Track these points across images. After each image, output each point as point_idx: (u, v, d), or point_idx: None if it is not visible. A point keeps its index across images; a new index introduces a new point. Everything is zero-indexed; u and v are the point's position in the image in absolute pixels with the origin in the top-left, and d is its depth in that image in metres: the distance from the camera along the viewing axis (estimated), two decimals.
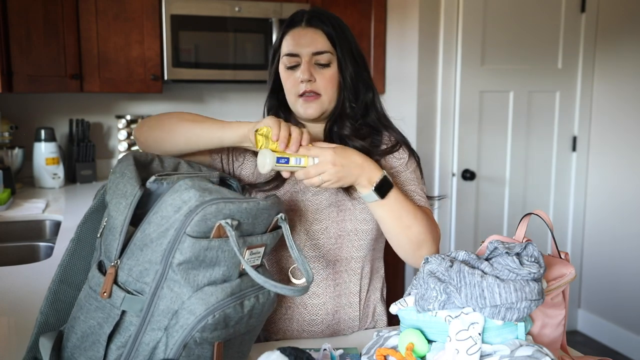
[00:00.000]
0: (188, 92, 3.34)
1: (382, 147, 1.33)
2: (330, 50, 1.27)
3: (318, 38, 1.27)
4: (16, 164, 2.85)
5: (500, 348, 0.89)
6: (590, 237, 3.46)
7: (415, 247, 1.19)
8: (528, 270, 0.90)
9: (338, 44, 1.27)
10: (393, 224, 1.18)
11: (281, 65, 1.30)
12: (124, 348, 0.92)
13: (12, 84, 2.53)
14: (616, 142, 3.27)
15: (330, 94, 1.28)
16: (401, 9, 3.15)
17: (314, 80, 1.26)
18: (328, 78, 1.27)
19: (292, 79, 1.27)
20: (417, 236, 1.18)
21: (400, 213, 1.17)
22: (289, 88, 1.29)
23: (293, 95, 1.28)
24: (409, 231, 1.18)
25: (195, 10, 2.87)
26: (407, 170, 1.32)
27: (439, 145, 3.15)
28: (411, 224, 1.18)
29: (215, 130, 1.16)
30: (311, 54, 1.26)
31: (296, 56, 1.27)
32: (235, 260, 0.94)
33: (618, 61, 3.23)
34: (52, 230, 2.28)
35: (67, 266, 1.04)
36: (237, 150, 1.31)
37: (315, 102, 1.27)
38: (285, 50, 1.28)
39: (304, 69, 1.25)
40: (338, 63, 1.28)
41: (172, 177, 1.00)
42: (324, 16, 1.29)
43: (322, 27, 1.27)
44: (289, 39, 1.28)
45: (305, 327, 1.30)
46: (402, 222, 1.17)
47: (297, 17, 1.30)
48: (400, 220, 1.17)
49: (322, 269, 1.29)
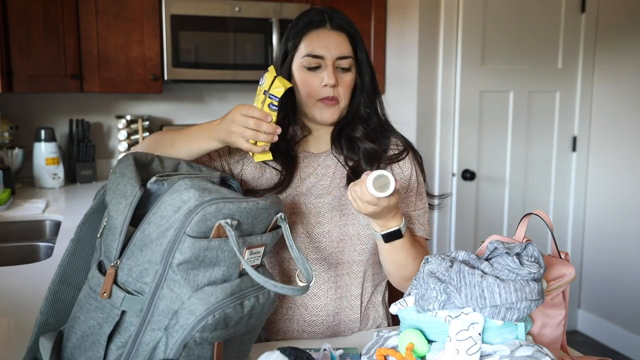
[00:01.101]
0: (188, 92, 3.34)
1: (389, 152, 1.34)
2: (352, 55, 1.27)
3: (342, 42, 1.26)
4: (16, 164, 2.85)
5: (500, 348, 0.89)
6: (590, 237, 3.46)
7: (403, 280, 1.26)
8: (528, 270, 0.90)
9: (358, 48, 1.28)
10: (389, 259, 1.24)
11: (297, 64, 1.27)
12: (124, 348, 0.92)
13: (12, 84, 2.53)
14: (616, 142, 3.27)
15: (347, 99, 1.28)
16: (401, 9, 3.15)
17: (337, 85, 1.25)
18: (348, 83, 1.27)
19: (312, 80, 1.25)
20: (408, 273, 1.24)
21: (400, 254, 1.21)
22: (307, 90, 1.26)
23: (312, 99, 1.26)
24: (402, 268, 1.24)
25: (195, 10, 2.87)
26: (411, 188, 1.33)
27: (439, 146, 3.15)
28: (406, 264, 1.23)
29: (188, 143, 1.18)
30: (335, 58, 1.25)
31: (320, 58, 1.24)
32: (235, 260, 0.94)
33: (618, 61, 3.23)
34: (52, 230, 2.28)
35: (67, 266, 1.04)
36: (234, 157, 1.31)
37: (335, 107, 1.27)
38: (307, 50, 1.25)
39: (330, 73, 1.24)
40: (357, 68, 1.28)
41: (172, 178, 1.00)
42: (343, 19, 1.28)
43: (345, 30, 1.27)
44: (313, 39, 1.25)
45: (305, 328, 1.30)
46: (398, 261, 1.23)
47: (317, 16, 1.27)
48: (397, 259, 1.22)
49: (323, 271, 1.29)
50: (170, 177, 0.99)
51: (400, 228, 1.17)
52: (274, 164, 1.30)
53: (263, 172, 1.31)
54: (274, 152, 1.31)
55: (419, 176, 1.36)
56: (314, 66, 1.25)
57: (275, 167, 1.30)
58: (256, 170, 1.31)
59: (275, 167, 1.30)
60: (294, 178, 1.30)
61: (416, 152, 1.37)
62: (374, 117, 1.33)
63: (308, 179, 1.30)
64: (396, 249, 1.20)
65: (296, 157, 1.32)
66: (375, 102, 1.33)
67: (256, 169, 1.31)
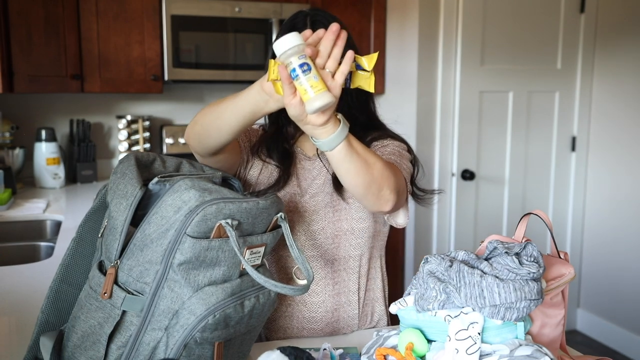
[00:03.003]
0: (188, 92, 3.34)
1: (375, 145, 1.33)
2: None
3: None
4: (17, 164, 2.86)
5: (499, 348, 0.89)
6: (590, 237, 3.47)
7: (376, 189, 1.08)
8: (527, 270, 0.90)
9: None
10: (351, 163, 1.03)
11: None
12: (125, 348, 0.92)
13: (13, 84, 2.53)
14: (615, 142, 3.27)
15: None
16: (401, 9, 3.15)
17: None
18: None
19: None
20: (378, 177, 1.06)
21: (358, 149, 1.04)
22: None
23: None
24: (368, 170, 1.05)
25: (195, 11, 2.88)
26: (388, 146, 1.30)
27: (439, 146, 3.15)
28: (371, 163, 1.05)
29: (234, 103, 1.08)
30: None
31: None
32: (236, 260, 0.95)
33: (617, 61, 3.24)
34: (53, 230, 2.29)
35: (69, 266, 1.05)
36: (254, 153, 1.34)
37: None
38: None
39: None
40: None
41: (175, 179, 1.00)
42: (325, 19, 1.28)
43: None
44: None
45: (305, 325, 1.31)
46: (364, 161, 1.04)
47: (299, 19, 1.29)
48: (359, 159, 1.03)
49: (320, 268, 1.31)
50: (172, 178, 0.99)
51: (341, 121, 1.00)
52: (273, 162, 1.34)
53: (263, 173, 1.34)
54: (271, 152, 1.34)
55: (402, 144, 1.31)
56: None
57: (276, 164, 1.34)
58: (257, 172, 1.35)
59: (275, 164, 1.34)
60: (291, 176, 1.33)
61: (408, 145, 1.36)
62: (360, 117, 1.33)
63: (304, 178, 1.33)
64: (352, 143, 1.02)
65: (293, 155, 1.35)
66: (366, 102, 1.33)
67: (258, 170, 1.35)
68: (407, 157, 1.31)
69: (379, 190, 1.08)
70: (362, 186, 1.06)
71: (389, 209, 1.13)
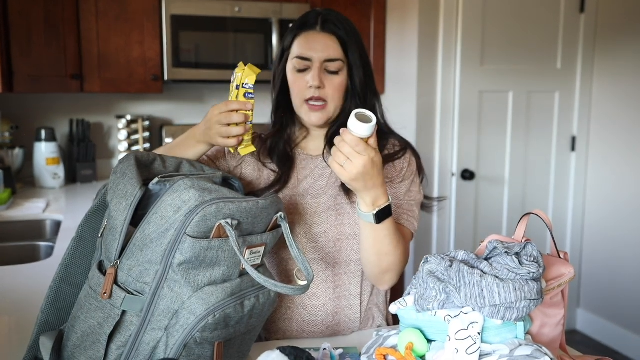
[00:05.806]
0: (188, 92, 3.34)
1: (385, 152, 1.33)
2: (341, 58, 1.26)
3: (331, 44, 1.25)
4: (17, 163, 2.86)
5: (499, 347, 0.89)
6: (590, 237, 3.47)
7: (382, 272, 1.23)
8: (527, 269, 0.90)
9: (350, 51, 1.27)
10: (373, 247, 1.18)
11: (290, 65, 1.29)
12: (124, 348, 0.92)
13: (13, 84, 2.53)
14: (615, 142, 3.27)
15: (337, 101, 1.28)
16: (401, 9, 3.15)
17: (323, 87, 1.25)
18: (336, 86, 1.26)
19: (300, 82, 1.27)
20: (389, 265, 1.21)
21: (384, 241, 1.17)
22: (296, 91, 1.28)
23: (299, 99, 1.28)
24: (384, 257, 1.19)
25: (195, 11, 2.88)
26: (404, 181, 1.31)
27: (439, 145, 3.15)
28: (389, 252, 1.19)
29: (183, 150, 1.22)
30: (322, 61, 1.25)
31: (307, 60, 1.25)
32: (236, 260, 0.95)
33: (617, 61, 3.24)
34: (53, 230, 2.29)
35: (69, 265, 1.05)
36: (234, 158, 1.34)
37: (321, 111, 1.27)
38: (296, 52, 1.27)
39: (314, 75, 1.24)
40: (348, 70, 1.27)
41: (175, 179, 1.00)
42: (338, 20, 1.28)
43: (336, 33, 1.26)
44: (302, 41, 1.27)
45: (305, 328, 1.30)
46: (382, 249, 1.18)
47: (311, 19, 1.28)
48: (382, 246, 1.18)
49: (321, 271, 1.30)
50: (172, 178, 0.99)
51: (390, 204, 1.13)
52: (272, 165, 1.33)
53: (261, 174, 1.33)
54: (272, 153, 1.33)
55: (413, 166, 1.33)
56: (302, 68, 1.26)
57: (273, 168, 1.33)
58: (254, 172, 1.33)
59: (273, 169, 1.33)
60: (291, 178, 1.31)
61: (415, 151, 1.37)
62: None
63: (305, 180, 1.32)
64: (383, 232, 1.15)
65: (293, 158, 1.34)
66: (372, 105, 1.32)
67: (254, 171, 1.33)
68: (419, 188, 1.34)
69: (383, 275, 1.23)
70: (375, 265, 1.22)
71: (384, 290, 1.31)
